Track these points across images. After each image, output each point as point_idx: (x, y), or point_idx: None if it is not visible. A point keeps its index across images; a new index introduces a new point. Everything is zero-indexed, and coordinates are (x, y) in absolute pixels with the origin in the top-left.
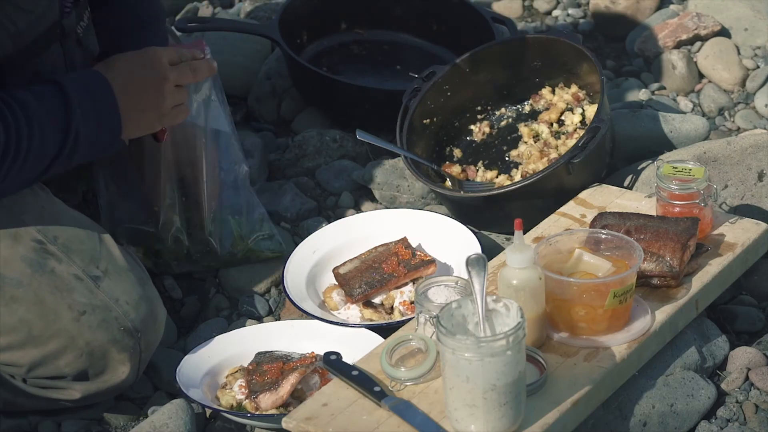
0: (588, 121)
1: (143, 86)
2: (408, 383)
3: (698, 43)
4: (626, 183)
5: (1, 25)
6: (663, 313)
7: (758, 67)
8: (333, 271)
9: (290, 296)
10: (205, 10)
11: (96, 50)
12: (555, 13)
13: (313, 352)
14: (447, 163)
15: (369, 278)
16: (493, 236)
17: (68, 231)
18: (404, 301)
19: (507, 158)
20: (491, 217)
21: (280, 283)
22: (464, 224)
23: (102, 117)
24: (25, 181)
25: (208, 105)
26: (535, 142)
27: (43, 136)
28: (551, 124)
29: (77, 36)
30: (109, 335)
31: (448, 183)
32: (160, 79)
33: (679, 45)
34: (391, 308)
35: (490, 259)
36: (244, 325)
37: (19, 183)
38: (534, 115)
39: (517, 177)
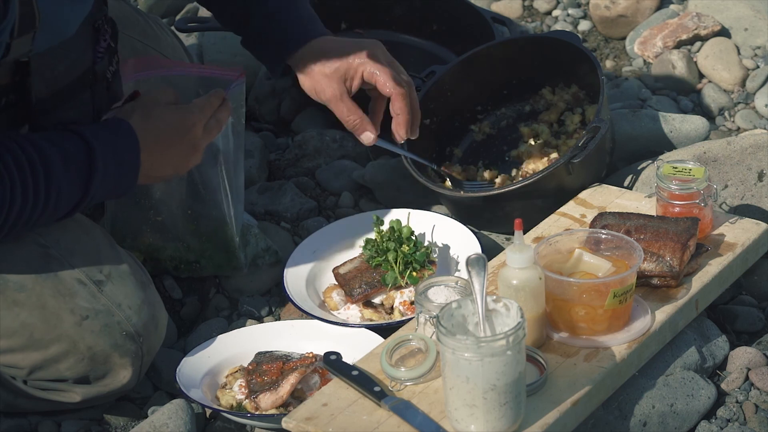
0: (588, 121)
1: (172, 150)
2: (408, 383)
3: (698, 43)
4: (626, 183)
5: (37, 71)
6: (663, 313)
7: (758, 67)
8: (333, 271)
9: (290, 296)
10: (206, 10)
11: (121, 94)
12: (555, 13)
13: (312, 352)
14: (447, 163)
15: (369, 278)
16: (493, 236)
17: (71, 235)
18: (404, 301)
19: (507, 158)
20: (491, 217)
21: (280, 283)
22: (464, 224)
23: (121, 177)
24: (32, 229)
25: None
26: (535, 142)
27: (59, 200)
28: (551, 124)
29: (107, 81)
30: (111, 340)
31: (448, 183)
32: (191, 148)
33: (679, 45)
34: (391, 308)
35: (490, 259)
36: (244, 325)
37: (27, 232)
38: (534, 115)
39: (517, 177)
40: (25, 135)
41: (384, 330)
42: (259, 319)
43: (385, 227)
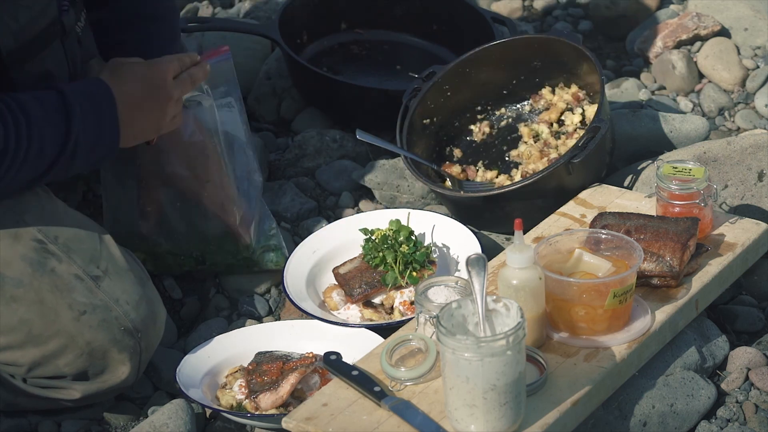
0: (588, 121)
1: (146, 102)
2: (408, 383)
3: (698, 43)
4: (626, 183)
5: (2, 22)
6: (663, 313)
7: (758, 67)
8: (333, 271)
9: (290, 296)
10: (205, 10)
11: (94, 51)
12: (555, 13)
13: (312, 352)
14: (447, 163)
15: (369, 278)
16: (493, 236)
17: (69, 231)
18: (404, 301)
19: (507, 158)
20: (491, 217)
21: (280, 283)
22: (464, 224)
23: (102, 125)
24: (22, 183)
25: (225, 110)
26: (535, 142)
27: (42, 140)
28: (551, 124)
29: (77, 35)
30: (110, 335)
31: (448, 183)
32: (163, 97)
33: (679, 45)
34: (391, 308)
35: (490, 259)
36: (244, 325)
37: (17, 185)
38: (534, 115)
39: (517, 177)
40: None
41: (384, 330)
42: (259, 319)
43: (382, 229)
